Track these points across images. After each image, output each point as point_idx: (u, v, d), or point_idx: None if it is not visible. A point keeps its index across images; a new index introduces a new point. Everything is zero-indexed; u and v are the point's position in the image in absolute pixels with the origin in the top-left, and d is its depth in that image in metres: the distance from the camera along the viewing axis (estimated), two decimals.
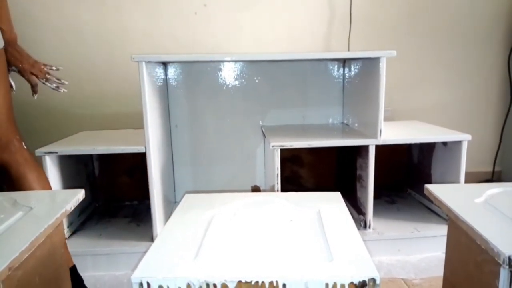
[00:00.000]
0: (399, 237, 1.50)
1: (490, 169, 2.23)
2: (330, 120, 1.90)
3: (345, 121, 1.88)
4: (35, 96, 1.32)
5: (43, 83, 1.30)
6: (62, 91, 1.33)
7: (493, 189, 0.89)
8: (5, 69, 1.19)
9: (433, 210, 1.69)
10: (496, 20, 2.12)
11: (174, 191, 1.88)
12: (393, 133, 1.57)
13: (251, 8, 2.02)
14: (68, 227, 1.51)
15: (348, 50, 2.05)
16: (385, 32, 2.09)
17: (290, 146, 1.45)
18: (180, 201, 1.01)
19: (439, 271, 1.12)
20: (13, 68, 1.25)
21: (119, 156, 1.59)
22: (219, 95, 1.83)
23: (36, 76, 1.29)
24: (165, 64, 1.76)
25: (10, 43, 1.23)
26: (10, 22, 1.25)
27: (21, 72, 1.27)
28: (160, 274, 0.65)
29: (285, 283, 0.63)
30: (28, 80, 1.29)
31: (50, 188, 1.25)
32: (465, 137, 1.49)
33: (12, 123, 1.20)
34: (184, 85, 1.81)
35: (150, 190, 1.43)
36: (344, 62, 1.84)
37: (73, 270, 1.22)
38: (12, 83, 1.27)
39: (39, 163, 1.26)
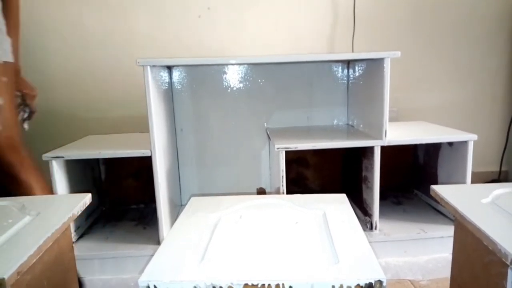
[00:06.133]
0: (405, 238, 1.50)
1: (496, 169, 2.21)
2: (335, 122, 1.90)
3: (350, 122, 1.88)
4: (27, 126, 1.32)
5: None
6: (26, 127, 1.33)
7: (500, 189, 0.88)
8: (13, 81, 1.21)
9: (439, 211, 1.68)
10: (501, 19, 2.11)
11: (180, 194, 1.89)
12: (399, 133, 1.56)
13: (254, 10, 2.02)
14: (75, 231, 1.52)
15: (352, 51, 2.05)
16: (389, 32, 2.08)
17: (295, 148, 1.45)
18: (186, 204, 1.02)
19: (447, 272, 1.11)
20: (16, 93, 1.26)
21: (125, 160, 1.60)
22: (223, 98, 1.83)
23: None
24: (169, 68, 1.77)
25: (16, 73, 1.25)
26: (18, 52, 1.27)
27: (23, 97, 1.29)
28: (166, 278, 0.65)
29: (291, 285, 0.63)
30: (30, 106, 1.30)
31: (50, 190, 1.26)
32: (471, 137, 1.48)
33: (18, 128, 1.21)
34: (188, 89, 1.81)
35: (156, 194, 1.43)
36: (348, 63, 1.84)
37: None
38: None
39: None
